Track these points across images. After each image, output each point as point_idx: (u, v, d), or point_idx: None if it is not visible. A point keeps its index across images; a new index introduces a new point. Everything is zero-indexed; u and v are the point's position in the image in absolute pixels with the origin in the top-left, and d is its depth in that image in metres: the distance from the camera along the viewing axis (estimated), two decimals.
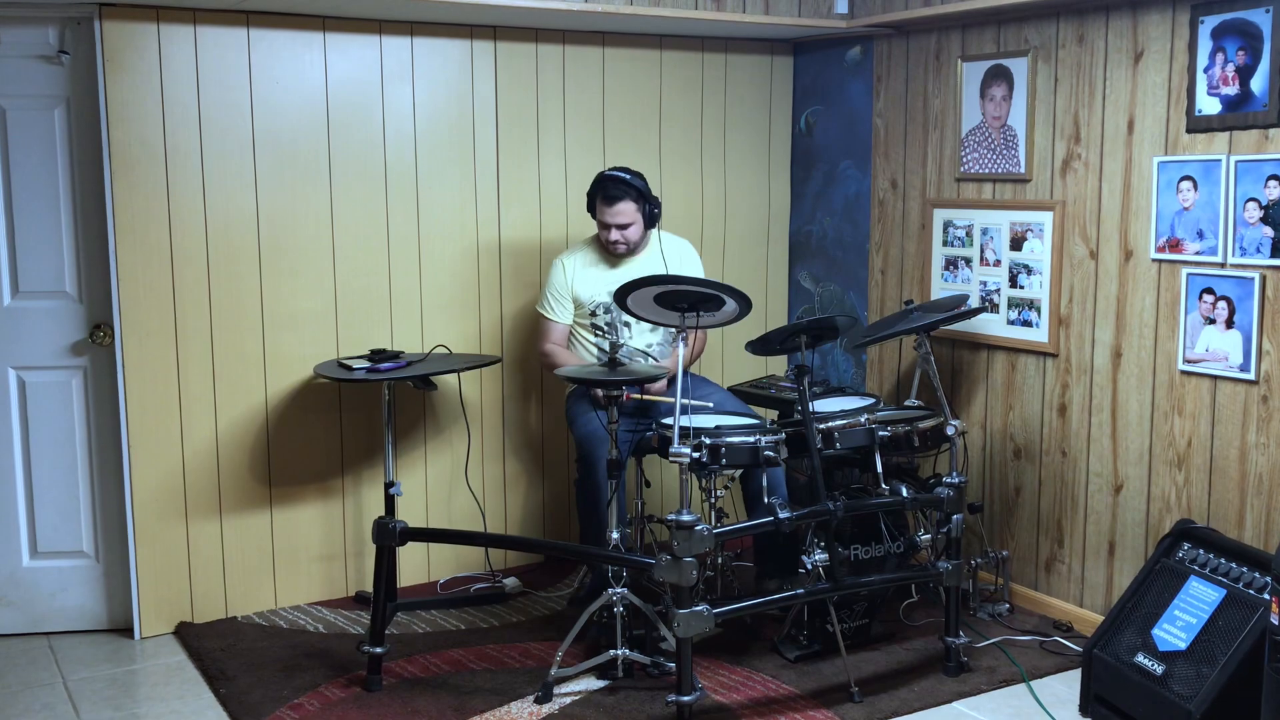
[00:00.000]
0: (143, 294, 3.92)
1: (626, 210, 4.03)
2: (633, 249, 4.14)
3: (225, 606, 4.18)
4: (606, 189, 4.03)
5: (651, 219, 4.10)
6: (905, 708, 3.46)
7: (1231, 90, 3.46)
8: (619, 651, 3.54)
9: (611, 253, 4.14)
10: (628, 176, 4.03)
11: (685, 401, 3.35)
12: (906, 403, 4.18)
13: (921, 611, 4.13)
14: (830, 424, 3.73)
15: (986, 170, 4.25)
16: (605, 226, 4.07)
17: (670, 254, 4.22)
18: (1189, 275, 3.61)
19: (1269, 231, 3.39)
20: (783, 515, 3.34)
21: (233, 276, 4.07)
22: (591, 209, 4.12)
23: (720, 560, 3.93)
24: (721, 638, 3.85)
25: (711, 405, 4.02)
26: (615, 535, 3.58)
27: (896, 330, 3.96)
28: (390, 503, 4.07)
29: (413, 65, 4.30)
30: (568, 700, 3.49)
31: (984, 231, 4.28)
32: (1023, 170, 4.12)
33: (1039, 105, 4.05)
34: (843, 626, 3.72)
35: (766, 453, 3.56)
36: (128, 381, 3.92)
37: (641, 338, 4.18)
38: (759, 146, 5.08)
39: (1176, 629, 3.18)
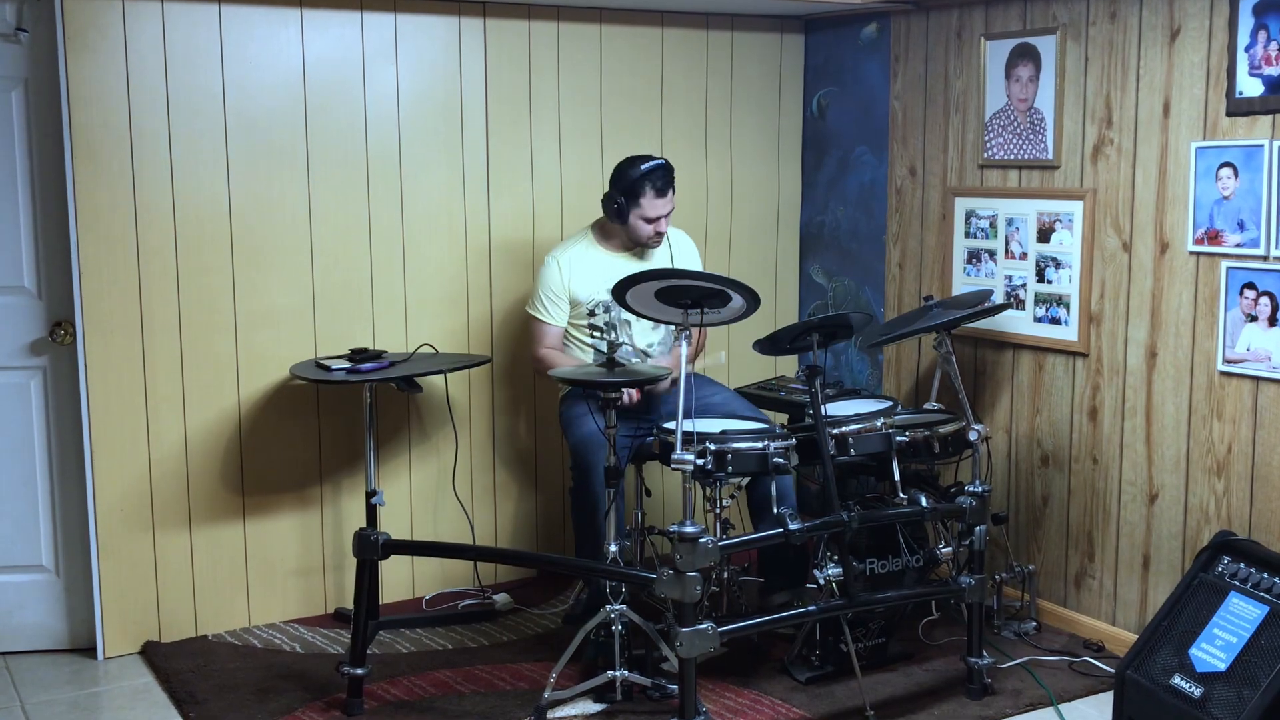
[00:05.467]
0: (106, 289, 3.92)
1: (672, 197, 4.05)
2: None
3: (195, 624, 4.18)
4: (655, 180, 3.99)
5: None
6: None
7: (1275, 71, 3.45)
8: (617, 673, 3.53)
9: (644, 246, 4.14)
10: (664, 161, 4.05)
11: (692, 402, 3.35)
12: (926, 406, 4.18)
13: (942, 630, 4.12)
14: (844, 429, 3.73)
15: (1012, 156, 4.25)
16: (654, 220, 4.05)
17: (676, 246, 4.23)
18: (1229, 269, 3.61)
19: None
20: (793, 526, 3.33)
21: (203, 270, 4.06)
22: (629, 205, 4.04)
23: (726, 575, 3.93)
24: (727, 658, 3.85)
25: (723, 357, 4.03)
26: (613, 548, 3.58)
27: (915, 328, 3.95)
28: (372, 513, 4.07)
29: (396, 44, 4.30)
30: None
31: (1009, 222, 4.28)
32: (1051, 156, 4.11)
33: (1068, 86, 4.05)
34: (857, 646, 3.72)
35: (776, 459, 3.56)
36: (90, 383, 3.92)
37: (642, 337, 4.17)
38: (768, 131, 5.08)
39: (1216, 649, 3.18)
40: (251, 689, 3.75)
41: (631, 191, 4.02)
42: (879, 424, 3.76)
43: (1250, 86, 3.51)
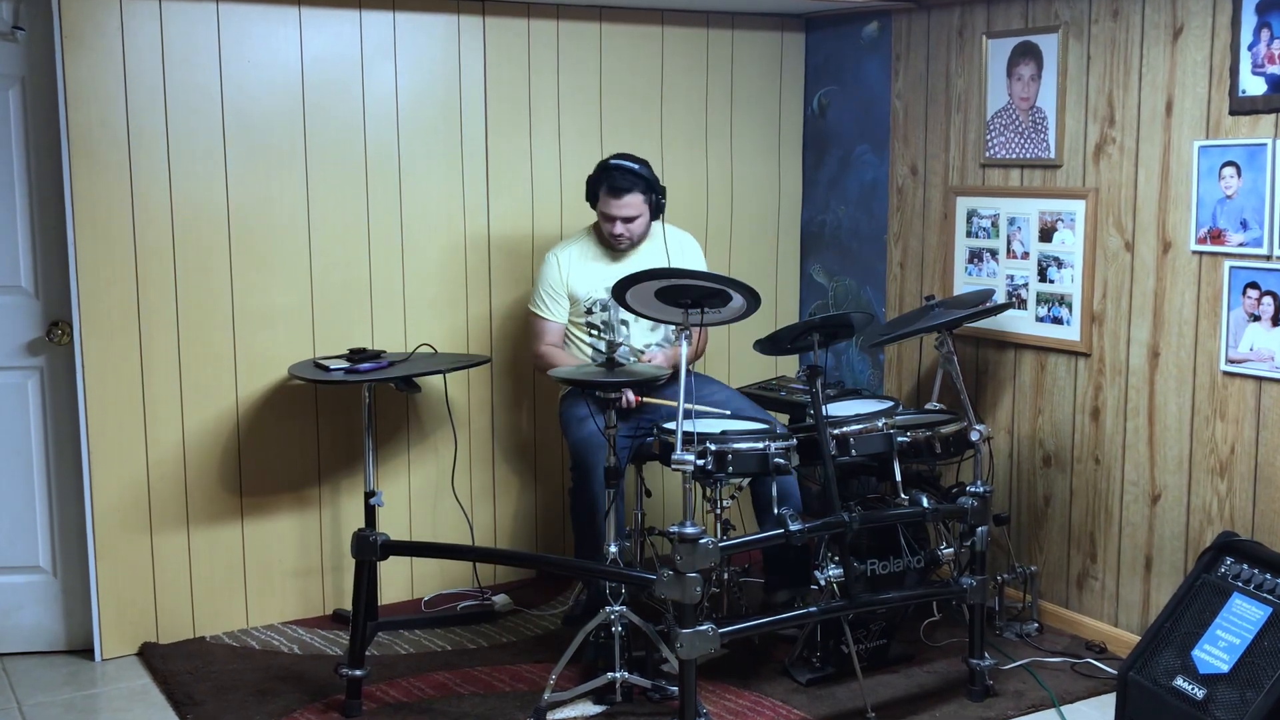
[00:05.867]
0: (104, 289, 3.92)
1: (634, 203, 4.04)
2: (635, 242, 4.15)
3: (193, 626, 4.18)
4: (613, 179, 4.02)
5: (658, 210, 4.11)
6: None
7: (1278, 69, 3.45)
8: (617, 674, 3.53)
9: (614, 247, 4.15)
10: (636, 166, 4.03)
11: (692, 405, 3.35)
12: (927, 406, 4.18)
13: (944, 631, 4.12)
14: (845, 429, 3.73)
15: (1014, 155, 4.25)
16: (609, 219, 4.07)
17: (674, 247, 4.23)
18: (1232, 269, 3.61)
19: None
20: (794, 527, 3.33)
21: (201, 270, 4.06)
22: (593, 199, 4.12)
23: (726, 576, 3.93)
24: (728, 659, 3.85)
25: (729, 413, 4.02)
26: (613, 549, 3.58)
27: (916, 328, 3.95)
28: (371, 514, 4.07)
29: (395, 43, 4.30)
30: None
31: (1011, 221, 4.28)
32: (1053, 155, 4.11)
33: (1070, 85, 4.05)
34: (858, 647, 3.72)
35: (776, 460, 3.56)
36: (88, 383, 3.92)
37: (641, 337, 4.18)
38: (768, 130, 5.08)
39: (1219, 650, 3.18)
40: (250, 690, 3.75)
41: (594, 183, 4.08)
42: (880, 424, 3.76)
43: (1253, 85, 3.51)
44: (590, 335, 4.18)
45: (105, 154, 3.87)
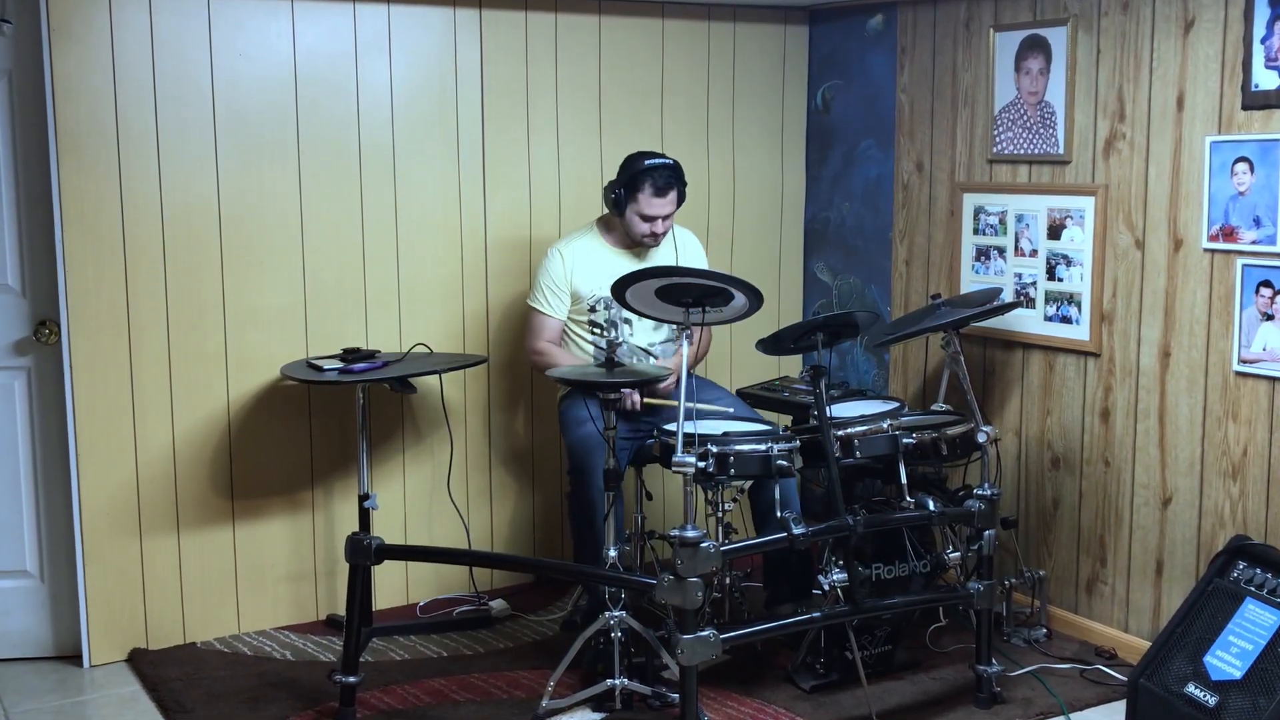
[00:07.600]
0: (92, 287, 3.91)
1: (673, 200, 4.05)
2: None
3: (183, 631, 4.18)
4: (658, 177, 4.00)
5: (680, 203, 4.12)
6: None
7: None
8: (617, 681, 3.53)
9: (643, 245, 4.14)
10: (673, 162, 4.05)
11: (693, 405, 3.34)
12: (933, 407, 4.18)
13: (950, 637, 4.12)
14: (849, 430, 3.72)
15: (1022, 151, 4.25)
16: (649, 219, 4.06)
17: (680, 245, 4.23)
18: (1244, 266, 3.61)
19: None
20: (797, 531, 3.33)
21: (191, 268, 4.06)
22: (623, 197, 4.06)
23: (728, 580, 3.93)
24: (730, 666, 3.85)
25: (732, 411, 4.02)
26: (612, 553, 3.58)
27: (922, 327, 3.95)
28: (365, 517, 4.07)
29: (389, 36, 4.29)
30: None
31: (1019, 218, 4.28)
32: (1061, 151, 4.11)
33: (1079, 79, 4.05)
34: (863, 654, 3.72)
35: (779, 462, 3.56)
36: (76, 383, 3.92)
37: (643, 336, 4.18)
38: (771, 125, 5.08)
39: (1231, 656, 3.18)
40: (241, 697, 3.75)
41: (631, 185, 4.03)
42: (885, 425, 3.76)
43: (1266, 79, 3.51)
44: (592, 333, 4.17)
45: (94, 149, 3.87)
